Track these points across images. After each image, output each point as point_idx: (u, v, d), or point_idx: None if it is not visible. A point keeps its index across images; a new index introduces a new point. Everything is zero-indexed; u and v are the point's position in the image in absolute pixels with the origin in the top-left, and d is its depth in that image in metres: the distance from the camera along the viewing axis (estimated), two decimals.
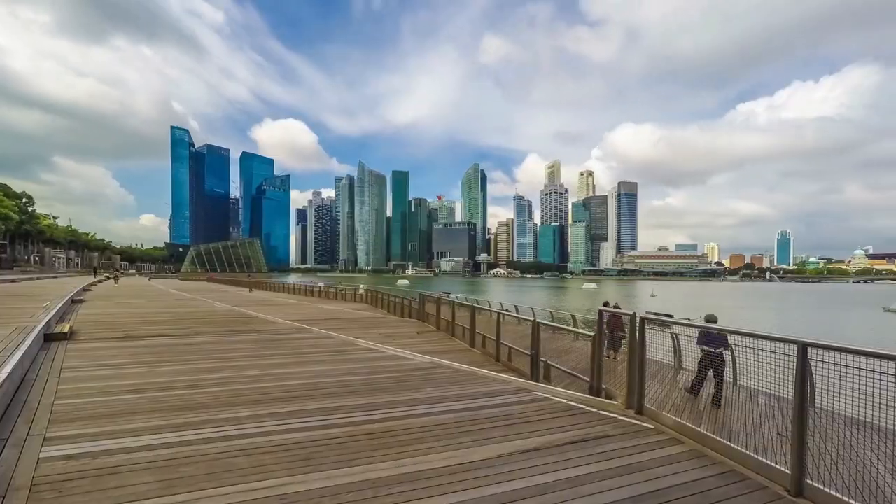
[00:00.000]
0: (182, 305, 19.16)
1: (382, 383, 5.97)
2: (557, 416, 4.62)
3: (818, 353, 3.06)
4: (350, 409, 4.74)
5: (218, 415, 4.51)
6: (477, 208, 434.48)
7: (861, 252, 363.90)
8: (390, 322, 14.88)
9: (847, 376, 2.91)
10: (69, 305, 16.52)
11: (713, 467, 3.46)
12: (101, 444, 3.68)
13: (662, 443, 3.94)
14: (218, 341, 9.46)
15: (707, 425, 4.12)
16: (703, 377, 6.46)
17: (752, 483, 3.23)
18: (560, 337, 12.26)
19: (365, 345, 9.21)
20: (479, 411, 4.74)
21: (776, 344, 3.33)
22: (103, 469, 3.23)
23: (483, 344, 9.70)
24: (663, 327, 5.60)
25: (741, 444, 3.61)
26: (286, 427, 4.16)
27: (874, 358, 2.77)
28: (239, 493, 2.91)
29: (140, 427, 4.11)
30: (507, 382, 6.11)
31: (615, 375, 7.53)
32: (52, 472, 3.17)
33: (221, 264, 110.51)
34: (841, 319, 44.61)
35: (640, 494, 3.02)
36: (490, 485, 3.09)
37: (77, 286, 28.23)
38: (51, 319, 10.33)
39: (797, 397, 3.14)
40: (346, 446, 3.72)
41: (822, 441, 3.61)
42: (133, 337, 9.80)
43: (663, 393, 6.68)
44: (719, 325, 4.86)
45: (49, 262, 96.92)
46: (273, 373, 6.54)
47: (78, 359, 7.29)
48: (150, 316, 14.45)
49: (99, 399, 5.02)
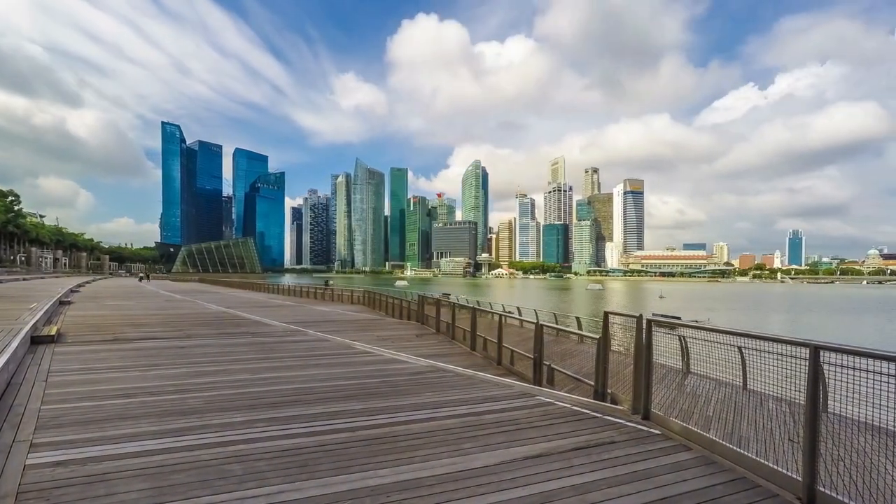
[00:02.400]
0: (173, 307, 19.16)
1: (380, 388, 5.97)
2: (561, 421, 4.62)
3: (831, 356, 3.06)
4: (347, 415, 4.74)
5: (210, 420, 4.51)
6: (478, 207, 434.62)
7: (875, 252, 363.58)
8: (388, 324, 14.88)
9: (861, 380, 2.91)
10: (56, 307, 16.52)
11: (722, 474, 3.47)
12: (89, 451, 3.68)
13: (670, 449, 3.94)
14: (210, 344, 9.46)
15: (716, 431, 4.12)
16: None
17: (763, 491, 3.23)
18: (564, 340, 12.26)
19: (362, 348, 9.21)
20: (480, 416, 4.74)
21: (787, 346, 3.34)
22: (92, 476, 3.22)
23: (484, 347, 9.70)
24: (670, 329, 5.60)
25: (751, 451, 3.61)
26: (281, 433, 4.16)
27: (889, 361, 2.77)
28: (233, 501, 2.91)
29: (130, 433, 4.11)
30: (509, 387, 6.11)
31: (621, 380, 7.53)
32: (39, 479, 3.17)
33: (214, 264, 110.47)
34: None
35: (648, 503, 3.02)
36: (493, 492, 3.09)
37: (65, 287, 28.22)
38: (38, 321, 10.33)
39: (809, 402, 3.14)
40: (343, 453, 3.72)
41: (835, 447, 3.61)
42: (122, 339, 9.80)
43: (671, 398, 6.68)
44: (727, 326, 4.85)
45: (36, 262, 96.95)
46: (267, 377, 6.54)
47: (66, 362, 7.29)
48: (139, 318, 14.45)
49: (87, 404, 5.02)
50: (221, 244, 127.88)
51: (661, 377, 7.50)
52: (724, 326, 4.91)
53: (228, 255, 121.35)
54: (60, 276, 65.23)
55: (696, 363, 8.78)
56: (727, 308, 60.80)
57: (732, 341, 4.68)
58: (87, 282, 44.89)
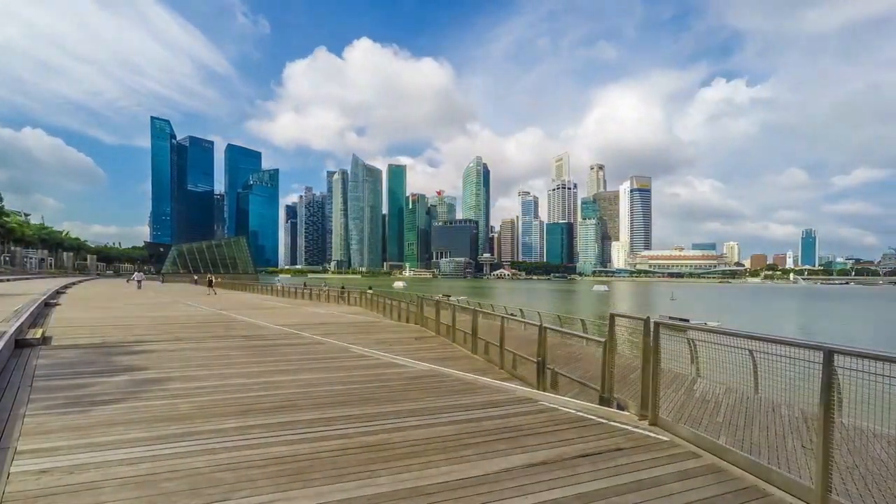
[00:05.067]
0: (163, 309, 19.17)
1: (378, 392, 5.97)
2: (566, 427, 4.62)
3: (845, 360, 3.05)
4: (343, 421, 4.74)
5: (201, 426, 4.51)
6: (479, 205, 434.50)
7: (893, 251, 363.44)
8: (386, 327, 14.87)
9: (877, 385, 2.90)
10: (42, 309, 16.53)
11: (733, 482, 3.46)
12: (76, 458, 3.68)
13: (678, 456, 3.94)
14: (201, 347, 9.46)
15: (726, 438, 4.12)
16: None
17: (774, 499, 3.23)
18: (568, 343, 12.25)
19: (359, 351, 9.21)
20: (481, 422, 4.74)
21: (800, 350, 3.33)
22: (78, 485, 3.22)
23: (486, 350, 9.70)
24: (679, 332, 5.60)
25: (763, 458, 3.61)
26: (275, 440, 4.16)
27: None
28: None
29: (118, 440, 4.11)
30: (511, 392, 6.11)
31: (627, 384, 7.53)
32: (24, 487, 3.17)
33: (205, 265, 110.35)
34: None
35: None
36: (494, 501, 3.09)
37: (51, 288, 28.24)
38: (22, 324, 10.33)
39: (822, 408, 3.13)
40: (339, 460, 3.72)
41: (850, 455, 3.61)
42: (110, 343, 9.80)
43: (679, 403, 6.68)
44: (739, 328, 4.85)
45: (20, 262, 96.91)
46: (260, 381, 6.54)
47: (51, 366, 7.29)
48: (128, 320, 14.46)
49: (74, 410, 5.02)
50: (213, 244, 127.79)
51: (669, 382, 7.50)
52: (735, 329, 4.91)
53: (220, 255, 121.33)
54: (46, 278, 65.23)
55: (706, 367, 8.78)
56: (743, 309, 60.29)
57: (743, 344, 4.68)
58: (69, 284, 44.88)
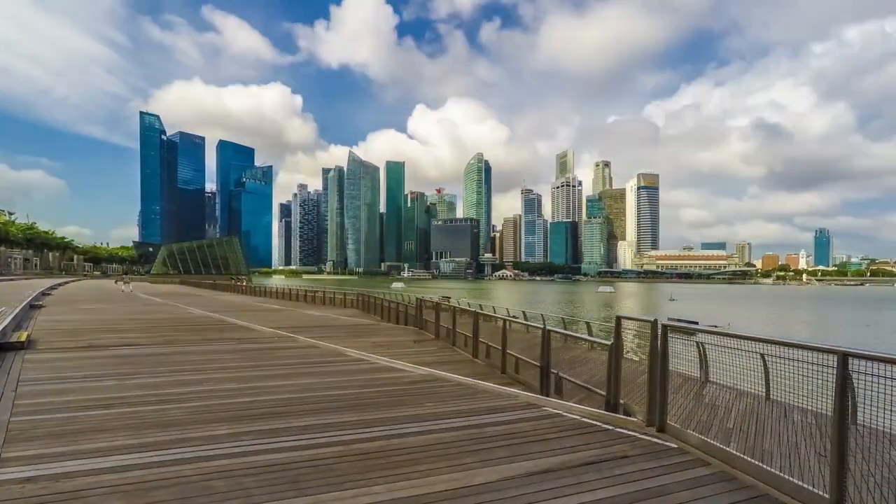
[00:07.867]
0: (152, 311, 19.18)
1: (375, 398, 5.97)
2: (570, 434, 4.62)
3: (860, 364, 3.05)
4: (340, 427, 4.74)
5: (193, 433, 4.51)
6: (480, 203, 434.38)
7: None
8: (384, 330, 14.88)
9: (894, 390, 2.90)
10: (27, 311, 16.53)
11: (743, 491, 3.46)
12: (62, 466, 3.67)
13: (687, 464, 3.94)
14: (192, 351, 9.47)
15: (737, 444, 4.12)
16: None
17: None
18: (573, 346, 12.25)
19: (356, 355, 9.21)
20: (482, 429, 4.74)
21: (814, 354, 3.33)
22: (65, 493, 3.22)
23: (487, 354, 9.70)
24: (688, 335, 5.59)
25: (775, 466, 3.61)
26: (268, 446, 4.16)
27: None
28: None
29: (106, 447, 4.11)
30: (514, 397, 6.11)
31: (634, 389, 7.53)
32: (8, 496, 3.17)
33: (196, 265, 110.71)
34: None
35: None
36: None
37: (36, 289, 28.24)
38: (6, 327, 10.33)
39: (837, 413, 3.13)
40: (335, 468, 3.72)
41: (865, 462, 3.61)
42: (98, 346, 9.81)
43: (688, 408, 6.68)
44: (750, 332, 4.85)
45: (4, 262, 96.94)
46: (254, 386, 6.54)
47: (37, 371, 7.30)
48: (116, 323, 14.47)
49: (60, 415, 5.02)
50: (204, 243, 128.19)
51: (677, 387, 7.50)
52: (746, 332, 4.91)
53: (212, 255, 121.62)
54: (32, 279, 65.25)
55: (716, 371, 8.78)
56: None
57: (755, 348, 4.68)
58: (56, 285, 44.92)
